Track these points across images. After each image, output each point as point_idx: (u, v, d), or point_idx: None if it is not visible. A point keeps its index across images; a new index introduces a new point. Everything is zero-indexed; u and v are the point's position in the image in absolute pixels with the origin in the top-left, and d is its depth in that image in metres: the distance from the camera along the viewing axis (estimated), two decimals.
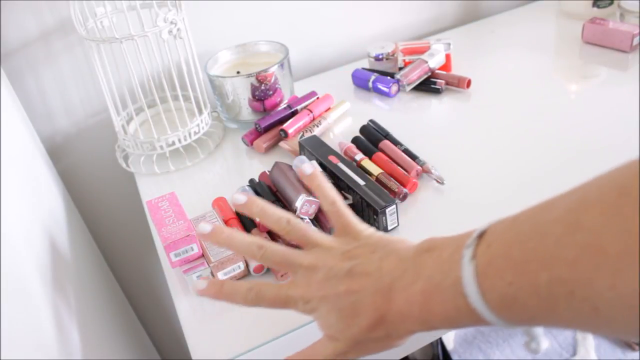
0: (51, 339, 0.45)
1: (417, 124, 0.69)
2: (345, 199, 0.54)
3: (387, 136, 0.64)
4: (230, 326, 0.46)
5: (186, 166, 0.68)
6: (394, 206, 0.51)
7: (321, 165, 0.58)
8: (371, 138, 0.64)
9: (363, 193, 0.52)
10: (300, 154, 0.62)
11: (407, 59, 0.78)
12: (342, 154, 0.62)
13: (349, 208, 0.40)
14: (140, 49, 0.61)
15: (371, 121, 0.67)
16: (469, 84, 0.73)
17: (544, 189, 0.51)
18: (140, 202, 0.67)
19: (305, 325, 0.45)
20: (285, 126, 0.68)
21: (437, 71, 0.76)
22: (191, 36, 0.67)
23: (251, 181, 0.60)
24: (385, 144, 0.62)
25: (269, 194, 0.56)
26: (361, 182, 0.54)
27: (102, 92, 0.68)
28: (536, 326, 0.28)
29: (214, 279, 0.39)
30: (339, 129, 0.71)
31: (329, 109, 0.73)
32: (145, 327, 0.97)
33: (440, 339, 1.06)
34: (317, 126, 0.69)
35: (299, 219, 0.40)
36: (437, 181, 0.57)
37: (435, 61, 0.75)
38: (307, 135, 0.67)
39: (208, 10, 0.76)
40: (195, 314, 0.48)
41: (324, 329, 0.36)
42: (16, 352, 0.37)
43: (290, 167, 0.58)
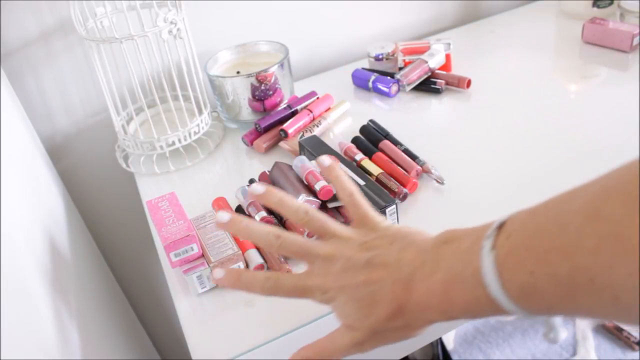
0: (51, 339, 0.45)
1: (417, 124, 0.69)
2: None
3: (387, 136, 0.64)
4: (230, 326, 0.46)
5: (186, 166, 0.68)
6: (394, 206, 0.51)
7: None
8: (371, 138, 0.64)
9: (363, 193, 0.52)
10: (300, 154, 0.62)
11: (407, 59, 0.78)
12: (342, 154, 0.62)
13: (367, 200, 0.40)
14: (140, 49, 0.61)
15: (371, 121, 0.67)
16: (469, 84, 0.73)
17: (544, 189, 0.51)
18: (140, 202, 0.67)
19: (305, 325, 0.45)
20: (285, 126, 0.68)
21: (437, 71, 0.76)
22: (191, 36, 0.67)
23: (251, 181, 0.60)
24: (385, 144, 0.62)
25: None
26: (361, 182, 0.54)
27: (102, 92, 0.68)
28: (555, 315, 0.29)
29: (232, 268, 0.39)
30: (339, 129, 0.71)
31: (329, 109, 0.73)
32: (145, 327, 0.97)
33: (440, 339, 1.06)
34: (317, 126, 0.69)
35: (317, 210, 0.40)
36: (437, 181, 0.57)
37: (435, 61, 0.75)
38: (307, 135, 0.67)
39: (208, 10, 0.76)
40: (195, 314, 0.48)
41: (341, 319, 0.36)
42: (16, 352, 0.37)
43: (290, 167, 0.58)
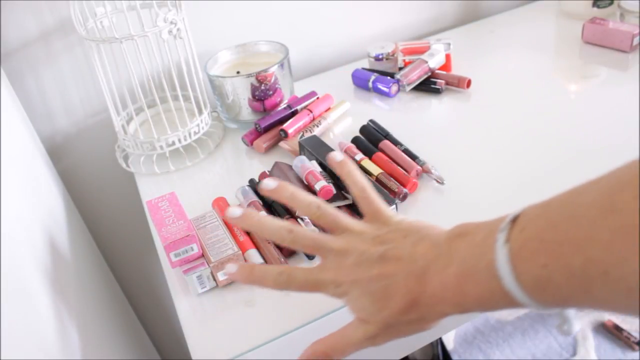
0: (51, 339, 0.45)
1: (417, 124, 0.69)
2: (345, 199, 0.54)
3: (387, 136, 0.64)
4: (230, 326, 0.46)
5: (186, 166, 0.68)
6: (394, 206, 0.51)
7: (321, 165, 0.58)
8: (371, 138, 0.64)
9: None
10: (300, 154, 0.62)
11: (407, 59, 0.78)
12: (342, 154, 0.62)
13: (379, 195, 0.41)
14: (140, 49, 0.61)
15: (371, 121, 0.67)
16: (469, 84, 0.73)
17: (544, 189, 0.51)
18: (140, 202, 0.67)
19: (305, 325, 0.45)
20: (285, 126, 0.68)
21: (437, 71, 0.76)
22: (191, 36, 0.67)
23: (251, 181, 0.60)
24: (385, 144, 0.62)
25: None
26: None
27: (102, 92, 0.68)
28: (569, 308, 0.29)
29: (245, 263, 0.39)
30: (339, 129, 0.71)
31: (329, 109, 0.73)
32: (145, 327, 0.97)
33: (440, 339, 1.06)
34: (317, 126, 0.69)
35: (329, 205, 0.40)
36: (437, 181, 0.57)
37: (435, 61, 0.75)
38: (307, 135, 0.67)
39: (208, 10, 0.76)
40: (195, 314, 0.48)
41: (355, 312, 0.36)
42: (16, 352, 0.37)
43: (290, 167, 0.58)
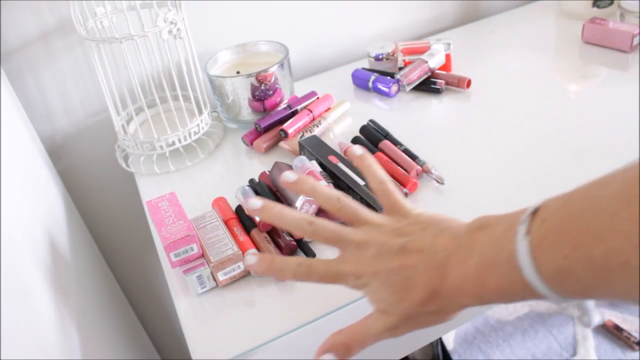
0: (51, 338, 0.45)
1: (417, 124, 0.69)
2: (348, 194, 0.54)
3: (387, 136, 0.64)
4: (230, 326, 0.46)
5: (186, 166, 0.68)
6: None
7: (321, 165, 0.58)
8: (371, 138, 0.64)
9: (363, 193, 0.52)
10: (300, 154, 0.62)
11: (407, 59, 0.78)
12: (342, 154, 0.62)
13: (398, 188, 0.41)
14: (140, 49, 0.61)
15: (371, 121, 0.67)
16: (469, 84, 0.73)
17: (544, 189, 0.51)
18: (140, 202, 0.67)
19: (305, 325, 0.45)
20: (285, 126, 0.68)
21: (437, 71, 0.76)
22: (191, 36, 0.67)
23: (251, 181, 0.60)
24: (385, 144, 0.62)
25: (269, 193, 0.56)
26: (361, 182, 0.54)
27: (102, 92, 0.68)
28: (589, 299, 0.29)
29: (265, 255, 0.39)
30: (339, 129, 0.71)
31: (329, 109, 0.73)
32: (145, 327, 0.97)
33: (440, 339, 1.06)
34: (317, 126, 0.69)
35: (349, 197, 0.40)
36: (437, 181, 0.57)
37: (435, 61, 0.75)
38: (307, 135, 0.67)
39: (208, 10, 0.76)
40: (195, 314, 0.48)
41: (375, 304, 0.37)
42: (16, 352, 0.37)
43: (290, 167, 0.58)
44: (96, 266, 0.76)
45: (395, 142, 0.63)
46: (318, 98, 0.73)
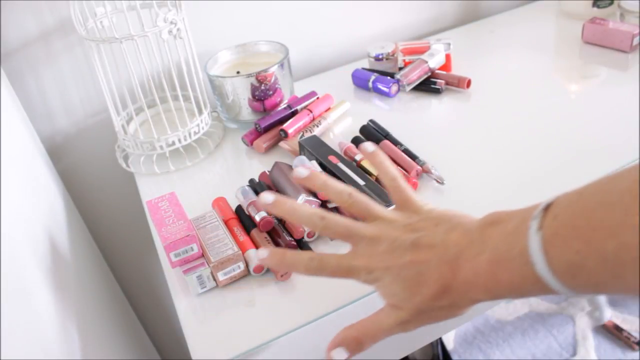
0: (51, 338, 0.45)
1: (417, 124, 0.69)
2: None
3: (387, 136, 0.64)
4: (230, 326, 0.46)
5: (186, 166, 0.68)
6: (393, 206, 0.51)
7: (321, 165, 0.58)
8: (371, 138, 0.64)
9: (363, 193, 0.52)
10: (300, 154, 0.62)
11: (407, 59, 0.78)
12: (342, 154, 0.62)
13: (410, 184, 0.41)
14: (140, 49, 0.61)
15: (371, 121, 0.67)
16: (469, 84, 0.73)
17: (544, 189, 0.51)
18: (140, 202, 0.67)
19: (306, 325, 0.45)
20: (285, 126, 0.68)
21: (437, 71, 0.76)
22: (191, 36, 0.67)
23: (251, 181, 0.60)
24: (385, 144, 0.62)
25: None
26: (361, 182, 0.54)
27: (102, 92, 0.68)
28: (601, 294, 0.29)
29: (276, 249, 0.39)
30: (339, 129, 0.71)
31: (329, 109, 0.73)
32: (145, 327, 0.97)
33: (440, 339, 1.06)
34: (317, 126, 0.69)
35: (360, 193, 0.40)
36: (437, 181, 0.57)
37: (435, 61, 0.75)
38: (307, 135, 0.67)
39: (208, 10, 0.76)
40: (195, 314, 0.48)
41: (387, 299, 0.37)
42: (16, 352, 0.37)
43: (290, 167, 0.58)
44: (96, 266, 0.76)
45: (395, 142, 0.63)
46: (318, 98, 0.73)
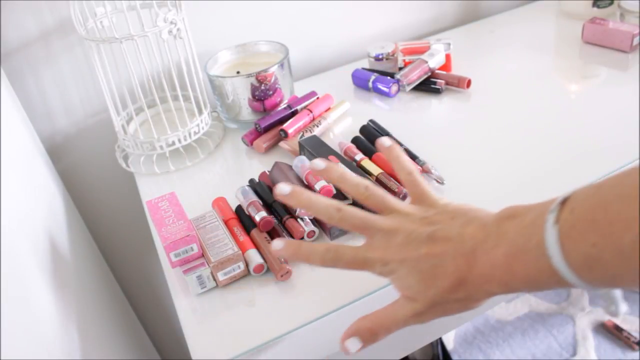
0: (51, 339, 0.45)
1: (417, 124, 0.69)
2: (345, 198, 0.54)
3: (387, 136, 0.64)
4: (230, 326, 0.46)
5: (186, 166, 0.68)
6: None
7: None
8: (371, 138, 0.64)
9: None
10: (300, 154, 0.62)
11: (407, 59, 0.78)
12: (342, 154, 0.62)
13: (424, 179, 0.42)
14: (140, 49, 0.61)
15: (371, 121, 0.67)
16: (469, 84, 0.73)
17: (544, 189, 0.51)
18: (140, 202, 0.67)
19: (306, 324, 0.45)
20: (285, 126, 0.68)
21: (437, 71, 0.76)
22: (191, 36, 0.67)
23: (251, 181, 0.60)
24: None
25: (268, 194, 0.56)
26: None
27: (102, 92, 0.68)
28: (616, 287, 0.30)
29: (292, 240, 0.40)
30: (339, 129, 0.71)
31: (329, 109, 0.73)
32: (145, 327, 0.97)
33: (440, 339, 1.06)
34: (317, 126, 0.69)
35: (377, 186, 0.40)
36: (437, 181, 0.57)
37: (435, 61, 0.75)
38: (307, 135, 0.67)
39: (208, 10, 0.76)
40: (195, 314, 0.48)
41: (402, 291, 0.37)
42: (16, 352, 0.37)
43: (290, 167, 0.58)
44: (96, 266, 0.76)
45: (395, 142, 0.63)
46: (318, 98, 0.73)
